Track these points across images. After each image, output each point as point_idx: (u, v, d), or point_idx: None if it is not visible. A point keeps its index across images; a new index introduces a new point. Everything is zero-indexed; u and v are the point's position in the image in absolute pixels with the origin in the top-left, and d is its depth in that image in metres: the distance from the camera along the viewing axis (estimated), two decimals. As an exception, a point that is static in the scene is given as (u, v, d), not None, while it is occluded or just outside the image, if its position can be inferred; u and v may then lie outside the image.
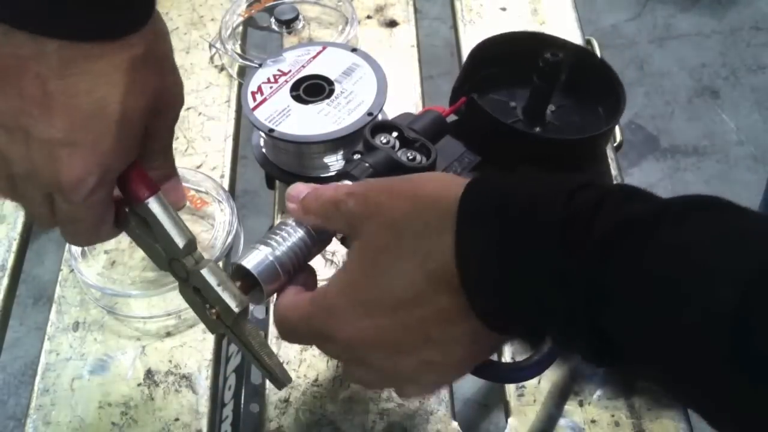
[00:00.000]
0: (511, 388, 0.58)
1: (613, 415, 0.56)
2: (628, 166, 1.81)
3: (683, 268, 0.33)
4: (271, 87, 0.69)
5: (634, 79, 1.98)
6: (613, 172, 0.70)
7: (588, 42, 0.82)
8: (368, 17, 0.84)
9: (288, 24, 0.82)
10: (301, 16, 0.83)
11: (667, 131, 1.89)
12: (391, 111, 0.70)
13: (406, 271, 0.41)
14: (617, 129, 0.73)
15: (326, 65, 0.70)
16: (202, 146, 0.74)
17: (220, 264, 0.65)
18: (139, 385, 0.60)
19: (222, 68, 0.80)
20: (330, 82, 0.69)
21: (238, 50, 0.79)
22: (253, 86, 0.69)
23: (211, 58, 0.80)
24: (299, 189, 0.49)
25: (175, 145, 0.74)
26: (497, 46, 0.69)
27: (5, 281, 0.66)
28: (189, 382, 0.60)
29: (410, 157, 0.56)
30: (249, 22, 0.83)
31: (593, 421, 0.56)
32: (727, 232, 0.34)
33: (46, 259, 1.60)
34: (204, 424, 0.58)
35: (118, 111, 0.42)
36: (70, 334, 0.63)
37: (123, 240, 0.67)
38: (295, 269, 0.49)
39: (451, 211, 0.40)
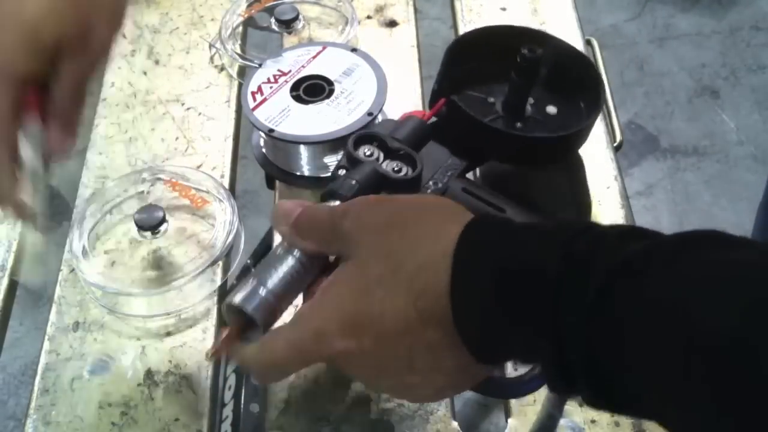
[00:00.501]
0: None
1: (613, 415, 0.56)
2: (628, 166, 1.81)
3: (669, 316, 0.33)
4: (271, 87, 0.69)
5: (634, 79, 1.98)
6: (613, 172, 0.70)
7: (588, 42, 0.82)
8: (368, 17, 0.84)
9: (288, 24, 0.82)
10: (301, 16, 0.82)
11: (667, 131, 1.89)
12: (392, 111, 0.70)
13: (398, 306, 0.41)
14: (617, 129, 0.73)
15: (326, 65, 0.70)
16: (202, 146, 0.74)
17: (220, 264, 0.65)
18: (139, 385, 0.60)
19: (222, 68, 0.80)
20: (330, 83, 0.69)
21: (238, 50, 0.79)
22: (253, 86, 0.69)
23: (211, 58, 0.80)
24: (288, 208, 0.47)
25: (175, 145, 0.74)
26: (475, 42, 0.67)
27: (5, 281, 0.66)
28: (189, 382, 0.60)
29: (395, 169, 0.56)
30: (249, 22, 0.83)
31: (593, 421, 0.56)
32: (716, 273, 0.34)
33: (46, 259, 1.60)
34: (204, 424, 0.58)
35: (31, 12, 0.45)
36: (70, 334, 0.63)
37: (123, 240, 0.67)
38: (290, 301, 0.48)
39: (449, 252, 0.40)
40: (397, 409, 0.58)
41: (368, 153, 0.57)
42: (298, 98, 0.68)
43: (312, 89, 0.69)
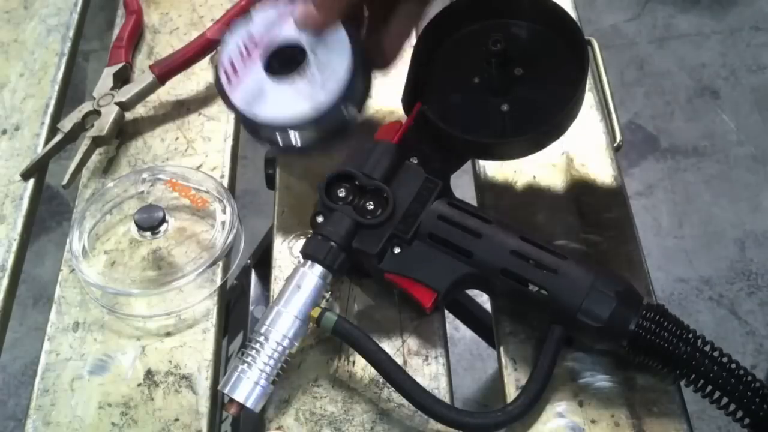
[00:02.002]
0: (510, 389, 0.58)
1: (613, 415, 0.56)
2: (628, 166, 1.81)
3: None
4: (243, 63, 0.60)
5: (634, 79, 1.98)
6: (613, 172, 0.70)
7: (588, 42, 0.82)
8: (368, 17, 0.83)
9: (288, 24, 0.82)
10: (301, 16, 0.82)
11: (667, 131, 1.89)
12: (389, 107, 0.70)
13: None
14: (617, 129, 0.73)
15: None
16: (202, 146, 0.74)
17: (220, 264, 0.65)
18: (139, 385, 0.60)
19: (222, 68, 0.80)
20: (303, 51, 0.60)
21: (238, 50, 0.79)
22: (225, 62, 0.60)
23: (211, 58, 0.80)
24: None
25: (174, 145, 0.74)
26: (446, 24, 0.64)
27: (5, 281, 0.66)
28: (189, 382, 0.60)
29: (370, 208, 0.57)
30: (249, 22, 0.83)
31: (593, 421, 0.56)
32: None
33: (46, 259, 1.60)
34: (204, 424, 0.58)
35: None
36: (70, 335, 0.63)
37: (123, 240, 0.67)
38: (278, 374, 0.55)
39: None
40: (397, 409, 0.58)
41: (342, 195, 0.58)
42: (272, 72, 0.60)
43: (284, 61, 0.60)
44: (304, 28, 0.58)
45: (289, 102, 0.58)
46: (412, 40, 0.63)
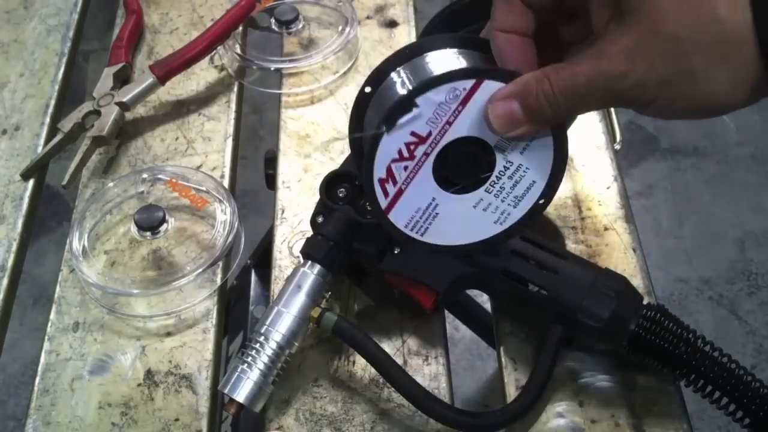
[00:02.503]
0: (510, 389, 0.58)
1: (613, 415, 0.56)
2: (628, 166, 1.81)
3: None
4: (405, 167, 0.45)
5: (634, 79, 1.98)
6: (613, 172, 0.70)
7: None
8: (368, 17, 0.84)
9: (288, 24, 0.82)
10: (301, 17, 0.83)
11: (667, 131, 1.89)
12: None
13: None
14: (617, 129, 0.73)
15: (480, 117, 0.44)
16: (202, 146, 0.74)
17: (220, 264, 0.65)
18: (139, 385, 0.60)
19: (222, 68, 0.80)
20: (488, 150, 0.45)
21: (238, 50, 0.79)
22: (380, 168, 0.45)
23: (211, 58, 0.80)
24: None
25: (174, 145, 0.74)
26: (446, 24, 0.64)
27: (5, 281, 0.66)
28: (189, 383, 0.60)
29: (369, 208, 0.57)
30: (249, 23, 0.83)
31: (593, 421, 0.56)
32: None
33: (46, 259, 1.60)
34: (204, 424, 0.58)
35: None
36: (70, 335, 0.63)
37: (123, 240, 0.67)
38: (278, 375, 0.55)
39: None
40: (397, 409, 0.58)
41: (342, 195, 0.58)
42: (445, 183, 0.46)
43: (464, 165, 0.46)
44: (504, 134, 0.44)
45: (472, 221, 0.47)
46: None
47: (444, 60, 0.46)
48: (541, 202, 0.47)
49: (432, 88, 0.43)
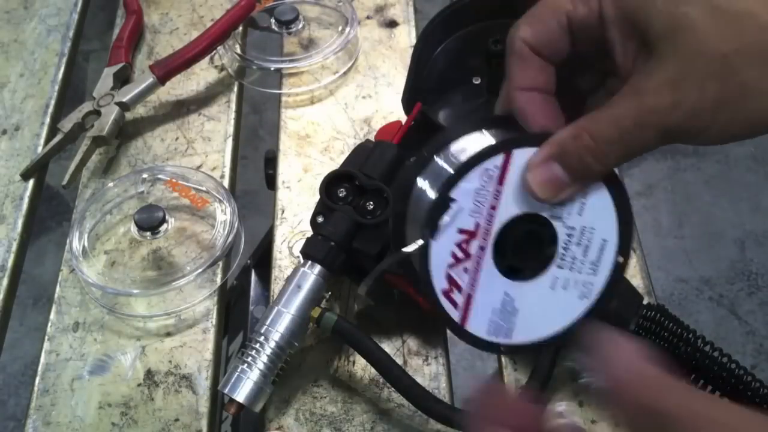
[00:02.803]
0: (510, 389, 0.58)
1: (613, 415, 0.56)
2: (628, 166, 1.81)
3: None
4: (465, 269, 0.41)
5: (634, 79, 1.98)
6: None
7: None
8: (368, 17, 0.84)
9: (288, 24, 0.82)
10: (301, 17, 0.82)
11: (667, 131, 1.89)
12: (391, 116, 0.70)
13: None
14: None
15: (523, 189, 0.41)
16: (202, 146, 0.74)
17: (220, 264, 0.65)
18: (139, 385, 0.60)
19: (222, 68, 0.80)
20: (545, 223, 0.41)
21: (238, 50, 0.79)
22: (439, 279, 0.41)
23: (211, 58, 0.80)
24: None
25: (174, 145, 0.74)
26: (446, 24, 0.63)
27: (5, 281, 0.66)
28: (189, 383, 0.60)
29: (370, 208, 0.57)
30: (249, 23, 0.83)
31: (593, 422, 0.56)
32: None
33: (46, 259, 1.60)
34: (204, 424, 0.58)
35: None
36: (70, 335, 0.63)
37: (123, 240, 0.67)
38: (278, 375, 0.55)
39: None
40: (397, 409, 0.58)
41: (342, 195, 0.58)
42: (510, 272, 0.42)
43: (525, 246, 0.42)
44: (551, 201, 0.40)
45: (556, 304, 0.42)
46: None
47: (464, 146, 0.43)
48: (620, 259, 0.42)
49: (462, 177, 0.40)
